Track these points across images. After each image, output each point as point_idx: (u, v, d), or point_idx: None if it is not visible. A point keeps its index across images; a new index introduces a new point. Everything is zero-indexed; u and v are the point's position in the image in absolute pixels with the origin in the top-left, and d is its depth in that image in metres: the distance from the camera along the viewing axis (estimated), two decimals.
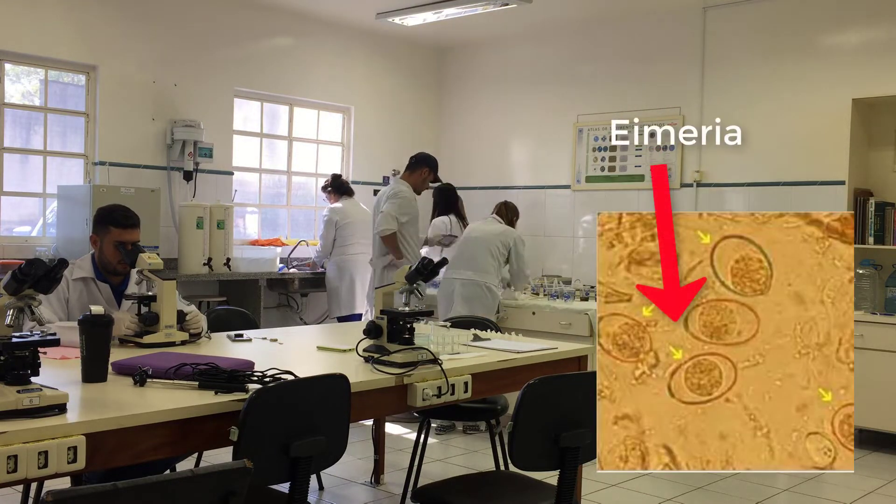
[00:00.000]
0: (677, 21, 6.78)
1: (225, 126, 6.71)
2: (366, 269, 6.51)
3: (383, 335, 2.98)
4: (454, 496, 2.80)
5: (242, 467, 1.70)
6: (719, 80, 6.59)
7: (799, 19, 6.21)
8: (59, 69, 6.00)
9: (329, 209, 6.60)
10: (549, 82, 7.57)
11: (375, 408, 2.98)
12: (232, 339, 3.46)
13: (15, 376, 2.01)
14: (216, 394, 2.31)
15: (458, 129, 8.23)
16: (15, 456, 1.84)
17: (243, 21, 6.79)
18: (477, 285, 5.58)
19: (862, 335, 5.30)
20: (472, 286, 5.58)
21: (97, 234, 3.44)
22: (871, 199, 5.59)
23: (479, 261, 5.63)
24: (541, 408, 2.46)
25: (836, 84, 5.97)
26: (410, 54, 8.07)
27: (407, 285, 3.18)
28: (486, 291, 5.60)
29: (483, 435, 5.30)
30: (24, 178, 5.93)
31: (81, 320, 2.50)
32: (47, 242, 5.78)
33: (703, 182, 6.66)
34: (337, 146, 7.71)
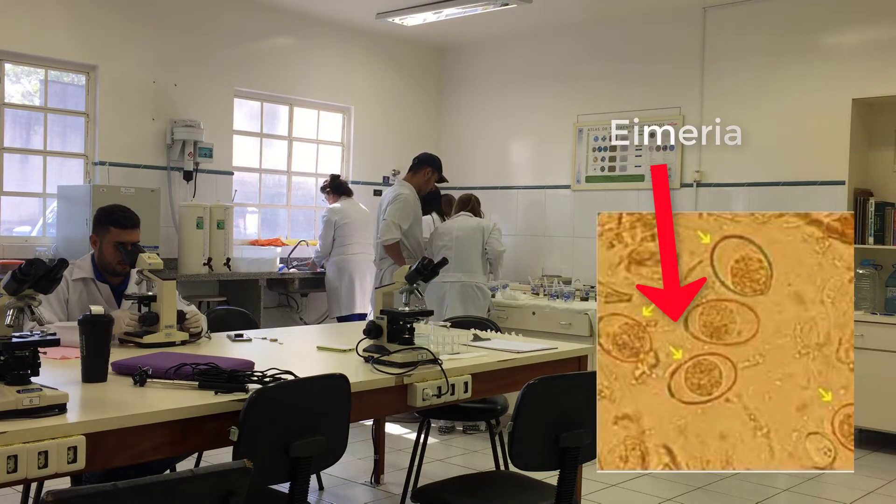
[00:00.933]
0: (677, 21, 6.78)
1: (225, 126, 6.71)
2: (366, 269, 6.50)
3: (383, 335, 2.98)
4: (454, 496, 2.80)
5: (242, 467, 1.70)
6: (719, 80, 6.59)
7: (799, 19, 6.22)
8: (59, 69, 6.00)
9: (328, 209, 6.59)
10: (549, 82, 7.57)
11: (375, 408, 2.98)
12: (232, 339, 3.46)
13: (15, 376, 2.01)
14: (216, 394, 2.31)
15: (458, 129, 8.23)
16: (15, 456, 1.83)
17: (243, 21, 6.79)
18: (468, 287, 5.60)
19: (862, 335, 5.30)
20: (464, 288, 5.59)
21: (97, 235, 3.44)
22: (871, 199, 5.59)
23: (467, 262, 5.64)
24: (541, 408, 2.46)
25: (836, 84, 5.97)
26: (410, 54, 8.07)
27: (407, 285, 3.18)
28: (478, 292, 5.63)
29: (483, 435, 5.30)
30: (24, 178, 5.93)
31: (81, 320, 2.49)
32: (47, 242, 5.78)
33: (703, 182, 6.66)
34: (337, 146, 7.71)
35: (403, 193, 5.66)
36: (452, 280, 5.58)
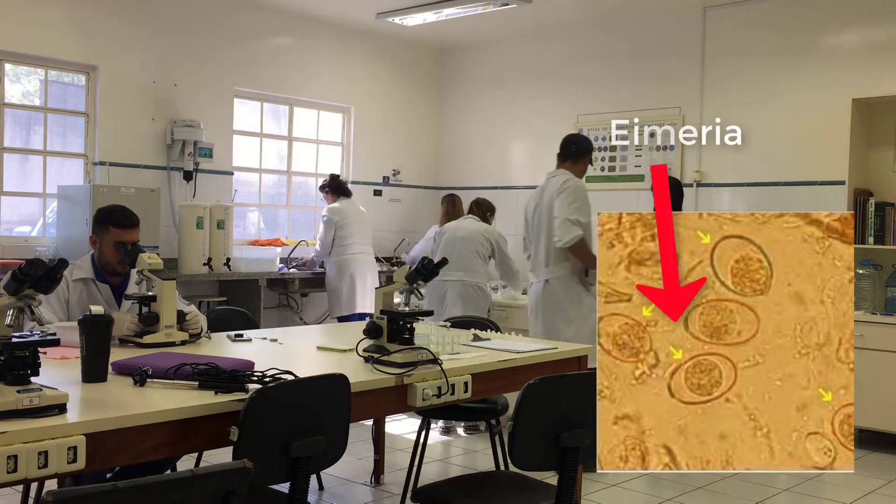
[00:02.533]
0: (677, 21, 6.78)
1: (225, 126, 6.71)
2: (366, 269, 6.51)
3: (383, 335, 2.98)
4: (454, 496, 2.79)
5: (242, 467, 1.70)
6: (719, 80, 6.59)
7: (799, 19, 6.21)
8: (59, 69, 6.00)
9: (328, 209, 6.59)
10: (549, 82, 7.57)
11: (375, 408, 2.98)
12: (232, 339, 3.46)
13: (15, 376, 2.00)
14: (216, 394, 2.31)
15: (458, 129, 8.23)
16: (15, 456, 1.83)
17: (243, 21, 6.79)
18: (469, 286, 5.59)
19: (862, 335, 5.30)
20: (464, 287, 5.59)
21: (97, 234, 3.44)
22: (871, 199, 5.59)
23: (467, 261, 5.63)
24: (541, 408, 2.46)
25: (836, 84, 5.97)
26: (410, 54, 8.07)
27: (407, 285, 3.18)
28: (479, 292, 5.63)
29: (483, 435, 5.30)
30: (24, 178, 5.93)
31: (81, 320, 2.49)
32: (47, 242, 5.78)
33: (703, 182, 6.66)
34: (337, 146, 7.71)
35: (575, 185, 4.78)
36: (453, 279, 5.58)
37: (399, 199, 8.00)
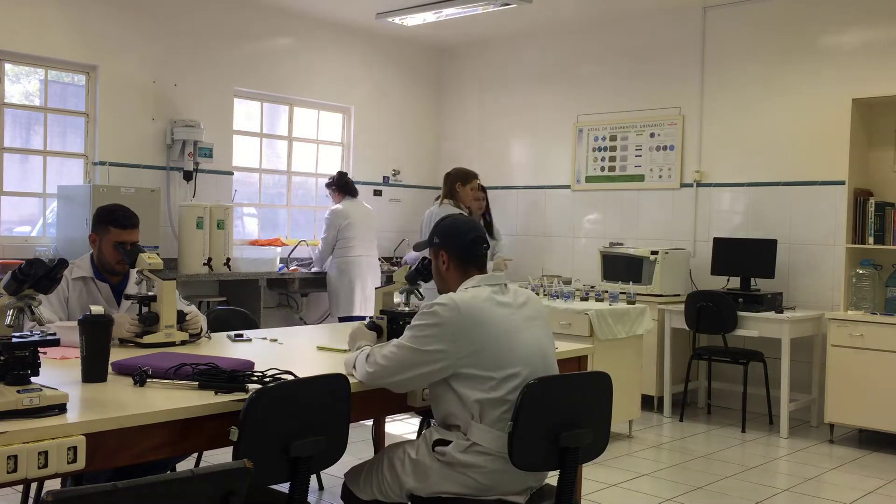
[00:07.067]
0: (677, 21, 6.78)
1: (225, 126, 6.71)
2: (367, 272, 6.47)
3: (383, 335, 2.97)
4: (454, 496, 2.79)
5: (242, 467, 1.69)
6: (719, 80, 6.59)
7: (799, 19, 6.22)
8: (59, 69, 6.01)
9: (331, 211, 6.53)
10: (549, 82, 7.58)
11: (375, 408, 2.98)
12: (232, 339, 3.46)
13: (15, 376, 2.00)
14: (216, 394, 2.31)
15: (458, 129, 8.24)
16: (15, 456, 1.83)
17: (243, 21, 6.79)
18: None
19: (862, 335, 5.31)
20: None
21: (97, 234, 3.44)
22: (871, 199, 5.59)
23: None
24: (541, 408, 2.45)
25: (836, 84, 5.98)
26: (410, 54, 8.08)
27: (407, 285, 3.17)
28: None
29: None
30: (24, 178, 5.93)
31: (81, 320, 2.49)
32: (47, 242, 5.78)
33: (703, 182, 6.66)
34: (337, 146, 7.71)
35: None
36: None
37: (399, 199, 8.00)
